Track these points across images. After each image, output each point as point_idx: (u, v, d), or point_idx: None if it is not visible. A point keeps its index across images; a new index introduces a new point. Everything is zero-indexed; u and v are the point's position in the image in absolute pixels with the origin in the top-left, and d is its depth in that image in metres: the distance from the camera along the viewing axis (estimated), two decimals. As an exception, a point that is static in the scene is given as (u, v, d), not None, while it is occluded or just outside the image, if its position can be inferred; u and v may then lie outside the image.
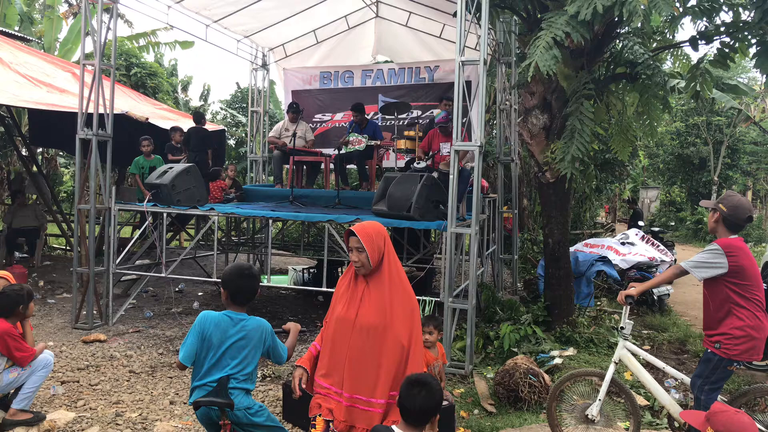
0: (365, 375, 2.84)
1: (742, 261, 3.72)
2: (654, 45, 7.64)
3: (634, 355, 4.31)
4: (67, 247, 13.35)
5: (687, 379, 4.15)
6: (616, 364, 4.29)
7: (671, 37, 7.65)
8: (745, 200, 3.94)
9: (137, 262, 8.95)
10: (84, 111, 7.53)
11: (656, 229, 14.14)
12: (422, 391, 2.53)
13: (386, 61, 13.57)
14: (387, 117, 10.87)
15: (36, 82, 9.92)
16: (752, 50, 6.40)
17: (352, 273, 3.03)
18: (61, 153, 18.15)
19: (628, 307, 4.25)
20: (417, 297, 6.76)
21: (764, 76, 6.60)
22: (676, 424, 4.27)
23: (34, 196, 13.64)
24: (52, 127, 11.06)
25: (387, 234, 2.99)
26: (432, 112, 10.88)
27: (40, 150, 15.91)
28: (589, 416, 4.22)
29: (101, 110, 7.57)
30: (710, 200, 4.43)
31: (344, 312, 2.94)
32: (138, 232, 8.59)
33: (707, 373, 3.82)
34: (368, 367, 2.84)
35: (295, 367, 3.04)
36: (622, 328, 4.29)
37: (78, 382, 5.76)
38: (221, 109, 24.93)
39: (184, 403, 5.36)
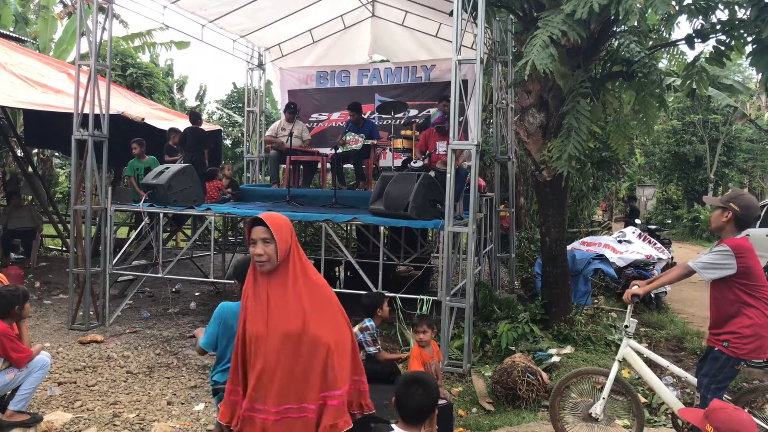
0: (292, 385, 2.53)
1: (750, 261, 3.70)
2: (650, 43, 7.65)
3: (638, 353, 4.30)
4: (63, 248, 13.32)
5: (691, 378, 4.14)
6: (620, 362, 4.28)
7: (667, 36, 7.66)
8: (755, 200, 3.89)
9: (134, 263, 8.93)
10: (80, 111, 7.51)
11: (653, 226, 14.18)
12: (419, 389, 2.55)
13: (382, 61, 13.56)
14: (384, 116, 10.86)
15: (31, 82, 9.89)
16: (748, 48, 6.41)
17: (254, 276, 2.65)
18: (57, 154, 18.10)
19: (632, 305, 4.23)
20: (414, 296, 6.78)
21: (760, 73, 6.61)
22: (680, 422, 4.26)
23: (30, 197, 13.61)
24: (47, 128, 11.03)
25: (293, 227, 2.70)
26: (428, 111, 10.88)
27: (35, 151, 15.86)
28: (593, 414, 4.21)
29: (97, 111, 7.54)
30: (712, 197, 4.41)
31: (253, 325, 2.58)
32: (134, 233, 8.57)
33: (714, 371, 3.79)
34: (293, 376, 2.52)
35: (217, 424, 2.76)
36: (626, 326, 4.28)
37: (75, 383, 5.74)
38: (217, 109, 24.88)
39: (182, 404, 5.35)
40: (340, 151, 8.90)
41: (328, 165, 9.92)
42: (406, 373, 2.68)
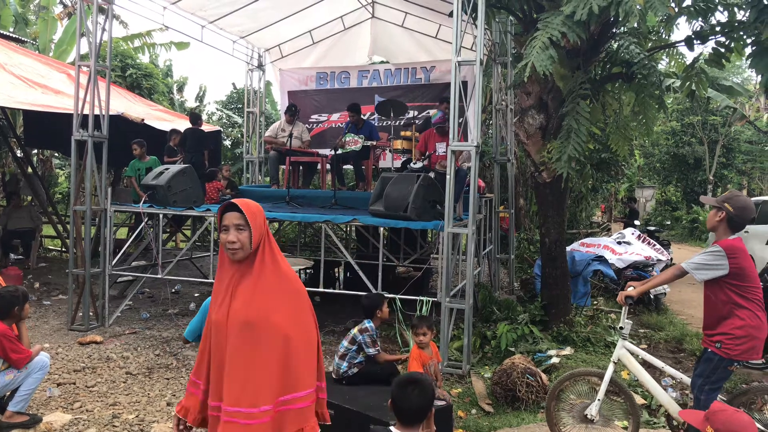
0: (245, 382, 2.33)
1: (743, 262, 3.71)
2: (650, 45, 7.66)
3: (633, 354, 4.30)
4: (63, 249, 13.31)
5: (686, 379, 4.15)
6: (615, 363, 4.28)
7: (667, 37, 7.67)
8: (750, 201, 3.92)
9: (133, 264, 8.93)
10: (79, 112, 7.51)
11: (652, 228, 14.19)
12: (415, 389, 2.54)
13: (382, 62, 13.56)
14: (383, 117, 10.87)
15: (31, 83, 9.89)
16: (747, 50, 6.42)
17: (222, 264, 2.52)
18: (57, 154, 18.10)
19: (627, 307, 4.24)
20: (414, 297, 6.79)
21: (759, 75, 6.61)
22: (675, 423, 4.27)
23: (29, 198, 13.60)
24: (47, 129, 11.03)
25: (265, 215, 2.55)
26: (428, 113, 10.89)
27: (35, 151, 15.86)
28: (588, 416, 4.21)
29: (97, 111, 7.55)
30: (709, 197, 4.42)
31: (216, 314, 2.45)
32: (134, 234, 8.57)
33: (707, 372, 3.80)
34: (247, 371, 2.33)
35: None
36: (621, 327, 4.28)
37: (74, 383, 5.73)
38: (217, 109, 24.90)
39: (181, 405, 5.35)
40: (339, 152, 8.90)
41: (328, 166, 9.92)
42: (400, 375, 2.67)
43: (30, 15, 17.17)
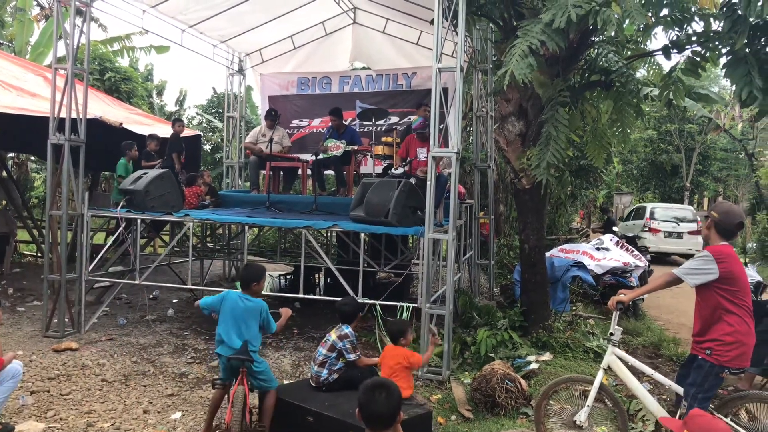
0: None
1: (732, 267, 3.76)
2: (628, 53, 7.75)
3: (623, 361, 4.32)
4: (38, 254, 13.10)
5: (675, 386, 4.15)
6: (605, 370, 4.30)
7: (644, 46, 7.77)
8: (737, 207, 3.98)
9: (110, 269, 8.80)
10: (56, 115, 7.40)
11: (630, 234, 14.35)
12: (383, 393, 2.52)
13: (364, 68, 13.58)
14: (365, 123, 10.87)
15: (6, 85, 9.72)
16: (722, 60, 6.52)
17: None
18: (33, 158, 17.82)
19: (618, 313, 4.27)
20: (395, 303, 6.79)
21: (734, 85, 6.72)
22: (663, 430, 4.29)
23: (4, 202, 13.36)
24: (22, 132, 10.84)
25: None
26: (409, 119, 10.91)
27: (10, 154, 15.59)
28: (577, 422, 4.22)
29: (74, 115, 7.44)
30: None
31: None
32: (111, 239, 8.46)
33: (700, 380, 3.82)
34: None
35: None
36: (611, 334, 4.30)
37: (48, 391, 5.63)
38: (197, 114, 24.71)
39: (158, 412, 5.28)
40: (321, 157, 8.88)
41: (309, 171, 9.88)
42: (366, 381, 2.64)
43: (6, 17, 16.91)
